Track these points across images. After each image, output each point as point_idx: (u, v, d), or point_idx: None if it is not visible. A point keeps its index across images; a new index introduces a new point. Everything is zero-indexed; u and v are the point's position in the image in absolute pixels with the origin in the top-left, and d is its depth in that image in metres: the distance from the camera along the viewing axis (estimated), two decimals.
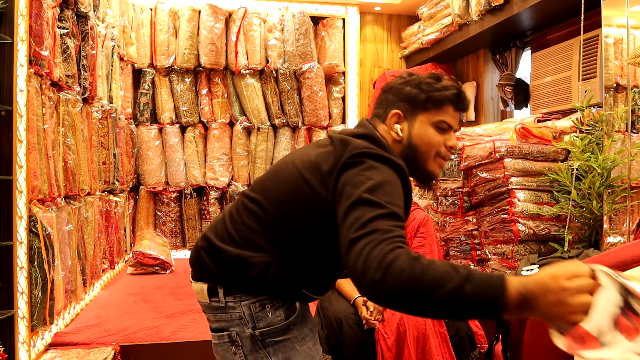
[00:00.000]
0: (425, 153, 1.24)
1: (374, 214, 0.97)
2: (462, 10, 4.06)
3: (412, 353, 2.07)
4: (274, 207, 1.20)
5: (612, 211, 2.51)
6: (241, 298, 1.22)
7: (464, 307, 0.84)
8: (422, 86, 1.23)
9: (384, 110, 1.27)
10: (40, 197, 2.36)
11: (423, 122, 1.23)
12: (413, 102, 1.23)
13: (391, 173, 1.09)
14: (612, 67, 2.68)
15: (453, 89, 1.23)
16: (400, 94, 1.25)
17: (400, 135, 1.24)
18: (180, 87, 4.72)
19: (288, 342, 1.23)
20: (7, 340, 2.10)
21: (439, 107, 1.23)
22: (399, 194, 1.07)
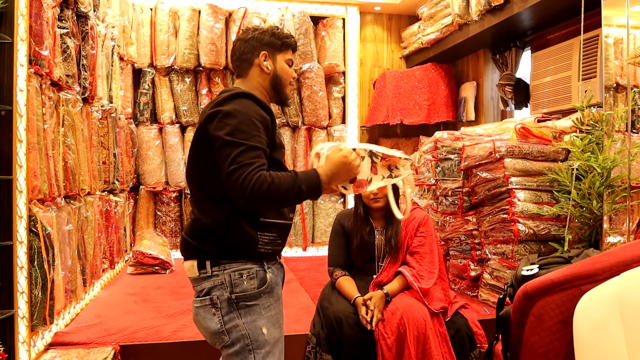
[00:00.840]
0: (285, 80, 1.68)
1: (237, 151, 1.38)
2: (462, 10, 4.06)
3: (412, 353, 2.07)
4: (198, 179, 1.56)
5: (612, 211, 2.51)
6: (224, 267, 1.50)
7: (305, 197, 1.44)
8: (276, 35, 1.65)
9: (249, 56, 1.64)
10: (40, 197, 2.36)
11: (281, 59, 1.66)
12: (273, 46, 1.65)
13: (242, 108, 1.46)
14: (612, 67, 2.68)
15: (292, 37, 1.70)
16: (262, 41, 1.64)
17: (269, 69, 1.64)
18: (180, 86, 4.72)
19: (256, 308, 1.51)
20: (7, 340, 2.10)
21: (288, 49, 1.67)
22: (254, 125, 1.44)
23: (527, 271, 1.79)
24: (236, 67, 1.69)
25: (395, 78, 4.97)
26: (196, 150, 1.54)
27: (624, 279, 1.31)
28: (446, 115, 4.92)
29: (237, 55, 1.68)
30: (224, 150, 1.40)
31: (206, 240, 1.51)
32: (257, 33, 1.66)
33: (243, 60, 1.66)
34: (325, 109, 4.92)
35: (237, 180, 1.36)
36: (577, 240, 2.67)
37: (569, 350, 1.39)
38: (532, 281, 1.54)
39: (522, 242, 2.83)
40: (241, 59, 1.67)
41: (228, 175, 1.38)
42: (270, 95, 1.68)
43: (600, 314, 1.28)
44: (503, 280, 2.87)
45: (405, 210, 1.69)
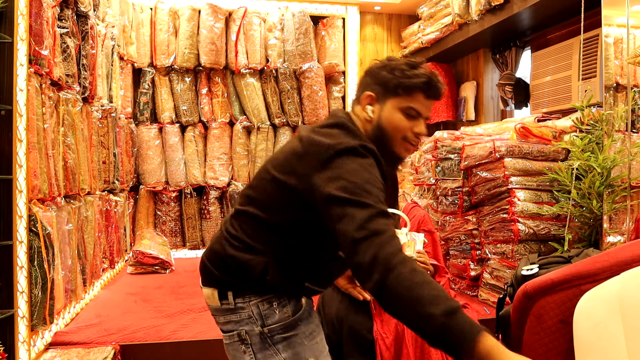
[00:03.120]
0: (392, 136, 1.29)
1: (366, 215, 1.05)
2: (462, 9, 4.05)
3: (410, 352, 2.07)
4: (264, 212, 1.26)
5: (612, 211, 2.51)
6: (250, 298, 1.26)
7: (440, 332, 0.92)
8: (395, 72, 1.27)
9: (360, 92, 1.34)
10: (40, 197, 2.36)
11: (392, 107, 1.28)
12: (385, 86, 1.28)
13: (363, 162, 1.15)
14: (612, 67, 2.68)
15: (424, 77, 1.26)
16: (375, 77, 1.30)
17: (371, 117, 1.30)
18: (180, 86, 4.72)
19: (296, 338, 1.27)
20: (7, 339, 2.10)
21: (409, 93, 1.27)
22: (376, 181, 1.13)
23: (527, 271, 1.79)
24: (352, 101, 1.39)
25: None
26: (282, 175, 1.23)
27: (624, 279, 1.31)
28: (446, 114, 4.92)
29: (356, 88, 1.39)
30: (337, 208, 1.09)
31: (232, 273, 1.27)
32: (377, 66, 1.31)
33: (355, 96, 1.36)
34: (325, 109, 4.92)
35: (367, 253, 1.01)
36: (577, 239, 2.67)
37: (569, 350, 1.39)
38: (532, 281, 1.53)
39: (522, 242, 2.83)
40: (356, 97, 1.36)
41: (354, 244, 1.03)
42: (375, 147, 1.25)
43: (600, 313, 1.28)
44: (503, 280, 2.87)
45: None
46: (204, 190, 4.86)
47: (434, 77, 1.28)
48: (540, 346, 1.46)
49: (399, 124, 1.27)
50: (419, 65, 1.29)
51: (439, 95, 1.31)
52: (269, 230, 1.25)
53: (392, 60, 1.30)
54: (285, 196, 1.22)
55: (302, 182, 1.18)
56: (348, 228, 1.05)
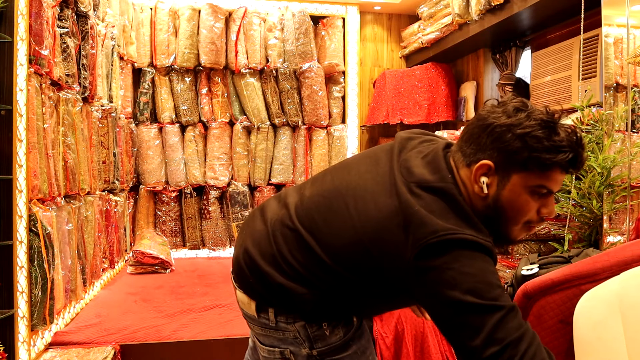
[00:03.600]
0: (512, 219, 1.02)
1: (494, 320, 0.88)
2: (462, 9, 4.05)
3: (410, 351, 2.07)
4: (329, 256, 1.08)
5: (612, 210, 2.51)
6: (295, 319, 1.14)
7: None
8: (528, 140, 0.95)
9: (474, 153, 1.01)
10: (40, 197, 2.36)
11: (517, 184, 0.98)
12: (511, 158, 0.97)
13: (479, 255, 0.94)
14: (612, 67, 2.68)
15: (568, 151, 0.95)
16: (497, 141, 0.97)
17: (486, 192, 1.00)
18: (180, 86, 4.72)
19: (348, 358, 1.16)
20: (7, 339, 2.10)
21: (543, 170, 0.96)
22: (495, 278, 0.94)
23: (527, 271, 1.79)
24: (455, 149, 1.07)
25: (395, 78, 4.97)
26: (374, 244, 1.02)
27: (624, 279, 1.31)
28: (446, 114, 4.92)
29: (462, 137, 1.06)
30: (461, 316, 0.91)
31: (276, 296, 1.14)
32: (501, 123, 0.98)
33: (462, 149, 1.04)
34: (325, 109, 4.92)
35: None
36: (577, 239, 2.67)
37: (569, 350, 1.39)
38: (532, 281, 1.53)
39: (522, 242, 2.83)
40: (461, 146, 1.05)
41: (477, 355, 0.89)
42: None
43: (600, 313, 1.28)
44: (503, 280, 2.87)
45: None
46: (204, 190, 4.86)
47: (580, 148, 0.98)
48: None
49: (524, 206, 0.99)
50: (559, 127, 0.97)
51: (580, 168, 1.00)
52: (326, 271, 1.08)
53: (519, 117, 0.96)
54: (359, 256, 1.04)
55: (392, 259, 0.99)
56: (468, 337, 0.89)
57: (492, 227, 1.02)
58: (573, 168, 0.98)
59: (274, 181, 4.88)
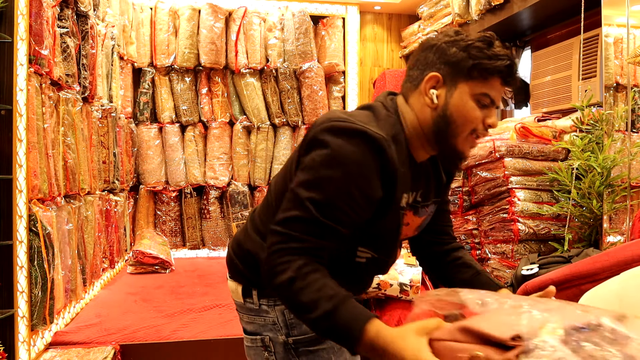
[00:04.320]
0: (459, 127, 1.06)
1: (297, 214, 0.95)
2: (462, 9, 4.05)
3: None
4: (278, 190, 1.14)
5: (612, 210, 2.51)
6: (275, 302, 1.16)
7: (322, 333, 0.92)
8: (471, 50, 1.04)
9: (421, 72, 1.09)
10: (40, 197, 2.36)
11: (464, 92, 1.05)
12: (457, 67, 1.05)
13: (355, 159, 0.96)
14: (612, 67, 2.68)
15: (506, 59, 1.06)
16: (443, 55, 1.06)
17: (435, 103, 1.06)
18: (180, 86, 4.72)
19: (323, 352, 1.16)
20: (7, 339, 2.10)
21: (486, 78, 1.05)
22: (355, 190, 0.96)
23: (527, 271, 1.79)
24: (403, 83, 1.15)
25: (395, 77, 4.97)
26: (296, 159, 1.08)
27: (624, 279, 1.31)
28: None
29: (408, 66, 1.14)
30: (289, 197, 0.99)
31: (251, 267, 1.17)
32: (445, 41, 1.07)
33: (410, 76, 1.12)
34: (325, 109, 4.92)
35: (271, 247, 0.96)
36: (577, 239, 2.67)
37: None
38: (532, 280, 1.54)
39: (522, 242, 2.83)
40: (409, 74, 1.13)
41: (271, 231, 0.98)
42: (430, 142, 1.09)
43: None
44: (503, 280, 2.87)
45: None
46: (204, 190, 4.86)
47: (515, 60, 1.11)
48: None
49: (470, 113, 1.05)
50: (496, 43, 1.08)
51: (517, 82, 1.12)
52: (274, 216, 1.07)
53: (461, 34, 1.07)
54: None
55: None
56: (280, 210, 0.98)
57: (442, 140, 1.08)
58: (510, 77, 1.07)
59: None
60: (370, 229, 1.07)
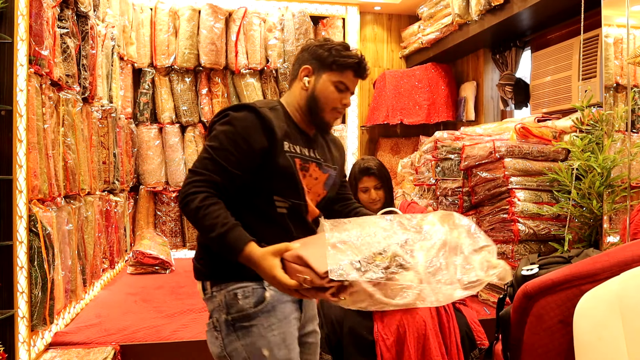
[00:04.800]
0: (323, 105, 1.49)
1: (202, 156, 1.36)
2: (462, 10, 4.06)
3: (412, 354, 2.06)
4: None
5: (612, 211, 2.51)
6: (220, 287, 1.42)
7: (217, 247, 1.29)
8: (332, 51, 1.47)
9: (298, 66, 1.53)
10: (40, 197, 2.36)
11: (326, 80, 1.48)
12: (322, 62, 1.48)
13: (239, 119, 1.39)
14: (612, 67, 2.68)
15: (356, 58, 1.49)
16: (313, 54, 1.50)
17: (307, 86, 1.50)
18: (180, 86, 4.72)
19: (254, 329, 1.39)
20: (7, 339, 2.10)
21: (342, 70, 1.47)
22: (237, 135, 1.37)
23: (527, 271, 1.79)
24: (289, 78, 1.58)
25: (395, 78, 4.97)
26: None
27: (624, 279, 1.31)
28: (446, 115, 4.92)
29: (292, 63, 1.60)
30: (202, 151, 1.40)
31: (203, 260, 1.46)
32: (315, 45, 1.51)
33: (292, 71, 1.56)
34: None
35: (185, 181, 1.33)
36: (577, 240, 2.67)
37: (569, 350, 1.39)
38: (532, 281, 1.54)
39: (522, 242, 2.83)
40: (292, 69, 1.57)
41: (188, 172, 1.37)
42: (307, 116, 1.51)
43: (600, 313, 1.28)
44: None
45: None
46: None
47: (364, 60, 1.51)
48: (540, 346, 1.46)
49: (330, 95, 1.48)
50: (352, 49, 1.52)
51: (366, 75, 1.53)
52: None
53: (328, 40, 1.51)
54: None
55: None
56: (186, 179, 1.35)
57: (313, 113, 1.50)
58: (360, 72, 1.50)
59: None
60: (270, 172, 1.41)
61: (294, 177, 1.43)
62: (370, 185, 2.34)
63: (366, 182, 2.34)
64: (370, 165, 2.35)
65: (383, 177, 2.37)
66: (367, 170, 2.34)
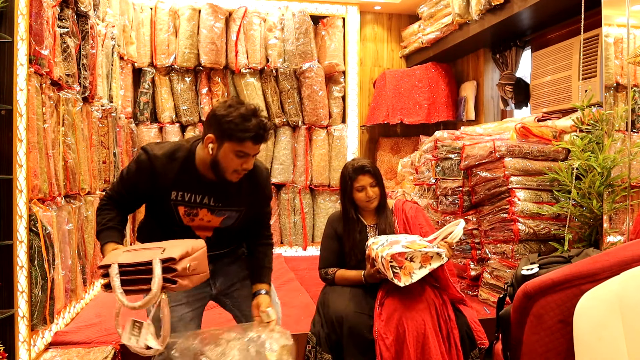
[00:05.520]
0: (225, 169, 1.71)
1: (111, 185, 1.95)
2: (463, 9, 4.06)
3: (411, 353, 2.06)
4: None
5: (612, 210, 2.51)
6: None
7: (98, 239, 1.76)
8: (231, 124, 1.64)
9: (206, 131, 1.72)
10: (40, 197, 2.36)
11: (227, 149, 1.67)
12: (222, 133, 1.66)
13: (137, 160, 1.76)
14: (612, 67, 2.68)
15: (253, 131, 1.65)
16: (217, 124, 1.67)
17: (211, 153, 1.70)
18: (180, 86, 4.72)
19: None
20: (7, 339, 2.10)
21: (240, 142, 1.65)
22: (132, 173, 1.76)
23: (527, 270, 1.79)
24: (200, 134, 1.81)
25: (396, 77, 4.97)
26: None
27: (624, 279, 1.31)
28: (446, 114, 4.92)
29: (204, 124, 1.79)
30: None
31: None
32: (221, 112, 1.67)
33: (203, 129, 1.78)
34: (326, 109, 4.92)
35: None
36: (577, 239, 2.67)
37: (569, 350, 1.39)
38: (532, 281, 1.54)
39: (522, 242, 2.83)
40: (203, 126, 1.82)
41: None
42: (211, 170, 1.74)
43: (601, 313, 1.28)
44: (503, 280, 2.87)
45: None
46: None
47: (262, 130, 1.68)
48: (540, 346, 1.46)
49: (230, 162, 1.69)
50: (253, 117, 1.66)
51: (265, 141, 1.73)
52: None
53: (231, 109, 1.66)
54: None
55: None
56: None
57: (216, 173, 1.72)
58: (258, 141, 1.68)
59: (274, 181, 4.88)
60: (155, 208, 1.81)
61: (174, 219, 1.79)
62: (366, 184, 2.35)
63: (362, 180, 2.35)
64: (364, 164, 2.37)
65: (377, 174, 2.38)
66: (362, 169, 2.35)
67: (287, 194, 4.92)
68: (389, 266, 2.07)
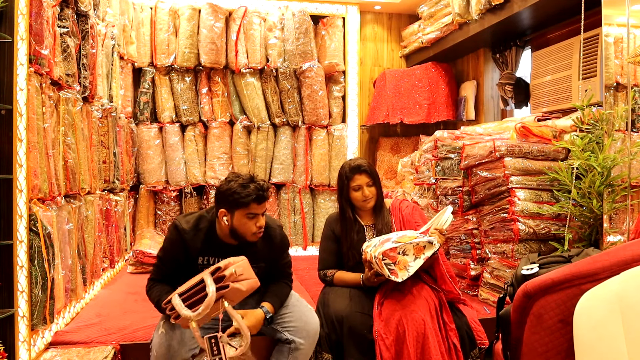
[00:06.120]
0: (243, 234, 2.05)
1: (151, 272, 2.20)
2: (463, 9, 4.06)
3: (411, 353, 2.07)
4: None
5: (612, 210, 2.51)
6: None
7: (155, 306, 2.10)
8: (234, 195, 1.99)
9: (217, 207, 2.07)
10: (40, 196, 2.36)
11: (238, 216, 2.03)
12: (230, 204, 2.02)
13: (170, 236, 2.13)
14: (612, 66, 2.68)
15: (253, 194, 1.99)
16: (224, 199, 2.03)
17: (227, 224, 2.05)
18: (180, 86, 4.72)
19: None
20: (7, 339, 2.10)
21: (246, 206, 2.00)
22: (167, 249, 2.13)
23: (527, 270, 1.79)
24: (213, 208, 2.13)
25: (396, 77, 4.97)
26: None
27: (624, 278, 1.31)
28: (446, 114, 4.92)
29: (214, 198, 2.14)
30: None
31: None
32: (224, 189, 2.02)
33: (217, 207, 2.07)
34: (326, 108, 4.92)
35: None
36: (577, 239, 2.67)
37: (569, 350, 1.39)
38: (532, 280, 1.54)
39: (522, 241, 2.83)
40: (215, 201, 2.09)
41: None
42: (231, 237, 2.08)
43: (601, 313, 1.28)
44: (503, 280, 2.87)
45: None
46: (204, 189, 4.86)
47: (261, 191, 2.00)
48: (540, 346, 1.47)
49: (245, 226, 2.03)
50: (251, 183, 2.00)
51: (266, 199, 2.04)
52: None
53: (232, 183, 2.01)
54: None
55: None
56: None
57: (237, 238, 2.08)
58: (261, 200, 2.02)
59: (274, 181, 4.88)
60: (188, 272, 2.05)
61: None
62: (362, 183, 2.35)
63: (358, 180, 2.35)
64: (360, 163, 2.37)
65: (374, 174, 2.38)
66: (359, 168, 2.36)
67: (287, 193, 4.92)
68: (383, 264, 2.09)
